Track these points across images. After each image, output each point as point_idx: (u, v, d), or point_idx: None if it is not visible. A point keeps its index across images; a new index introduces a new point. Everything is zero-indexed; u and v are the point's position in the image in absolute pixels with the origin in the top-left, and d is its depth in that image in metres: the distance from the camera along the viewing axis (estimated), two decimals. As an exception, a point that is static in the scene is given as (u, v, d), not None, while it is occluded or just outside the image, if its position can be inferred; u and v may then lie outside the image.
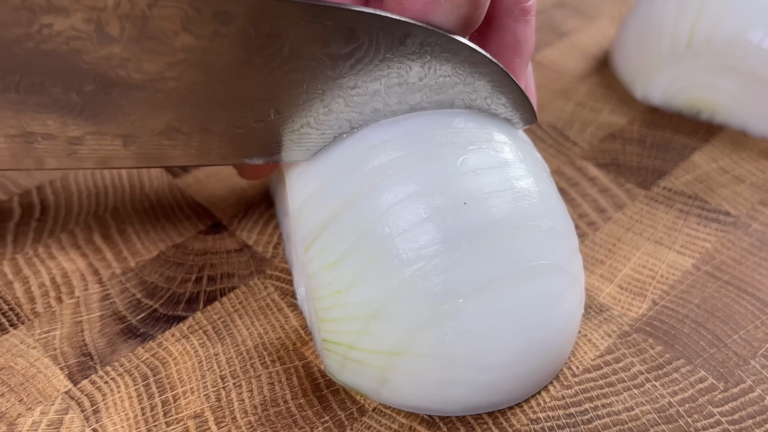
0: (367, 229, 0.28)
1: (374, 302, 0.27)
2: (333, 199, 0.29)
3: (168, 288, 0.34)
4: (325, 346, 0.29)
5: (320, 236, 0.29)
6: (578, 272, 0.30)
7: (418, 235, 0.27)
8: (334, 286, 0.28)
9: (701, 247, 0.37)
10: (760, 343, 0.32)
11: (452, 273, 0.27)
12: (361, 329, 0.28)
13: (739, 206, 0.39)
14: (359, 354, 0.28)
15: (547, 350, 0.29)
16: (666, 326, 0.33)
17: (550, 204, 0.29)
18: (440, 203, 0.27)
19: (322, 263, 0.28)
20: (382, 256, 0.27)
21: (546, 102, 0.47)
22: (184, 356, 0.31)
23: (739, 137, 0.44)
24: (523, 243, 0.28)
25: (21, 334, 0.32)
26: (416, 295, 0.27)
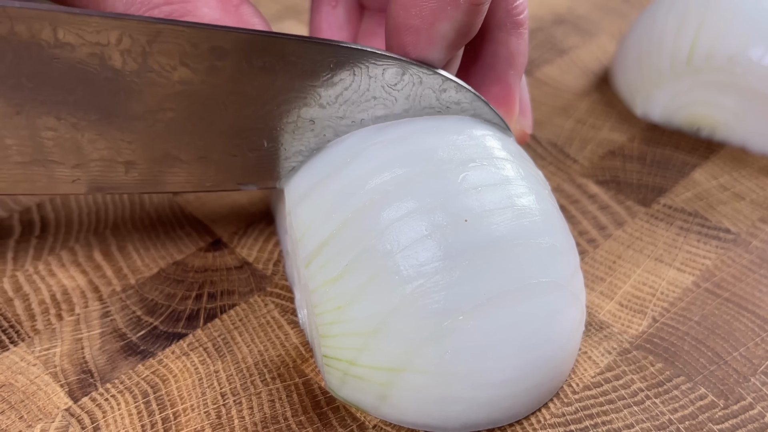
0: (368, 245, 0.28)
1: (375, 318, 0.28)
2: (334, 215, 0.29)
3: (168, 305, 0.34)
4: (325, 362, 0.29)
5: (321, 252, 0.29)
6: (579, 290, 0.30)
7: (418, 252, 0.27)
8: (334, 301, 0.28)
9: (701, 264, 0.37)
10: (761, 360, 0.32)
11: (452, 290, 0.27)
12: (361, 345, 0.28)
13: (740, 223, 0.39)
14: (359, 370, 0.28)
15: (547, 368, 0.29)
16: (666, 343, 0.33)
17: (551, 222, 0.30)
18: (441, 220, 0.28)
19: (323, 279, 0.29)
20: (382, 273, 0.28)
21: (546, 119, 0.47)
22: (185, 373, 0.31)
23: (740, 154, 0.44)
24: (524, 260, 0.28)
25: (21, 351, 0.32)
26: (416, 312, 0.27)
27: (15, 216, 0.39)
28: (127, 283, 0.35)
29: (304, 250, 0.30)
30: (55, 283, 0.35)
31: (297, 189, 0.31)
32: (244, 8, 0.34)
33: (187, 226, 0.39)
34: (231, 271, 0.36)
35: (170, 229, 0.38)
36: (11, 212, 0.39)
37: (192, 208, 0.40)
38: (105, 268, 0.36)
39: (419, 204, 0.28)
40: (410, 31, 0.30)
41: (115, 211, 0.39)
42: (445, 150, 0.30)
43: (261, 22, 0.34)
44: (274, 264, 0.37)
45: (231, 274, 0.36)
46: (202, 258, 0.37)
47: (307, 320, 0.32)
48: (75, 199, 0.40)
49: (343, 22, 0.38)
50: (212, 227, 0.38)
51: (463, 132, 0.31)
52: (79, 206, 0.39)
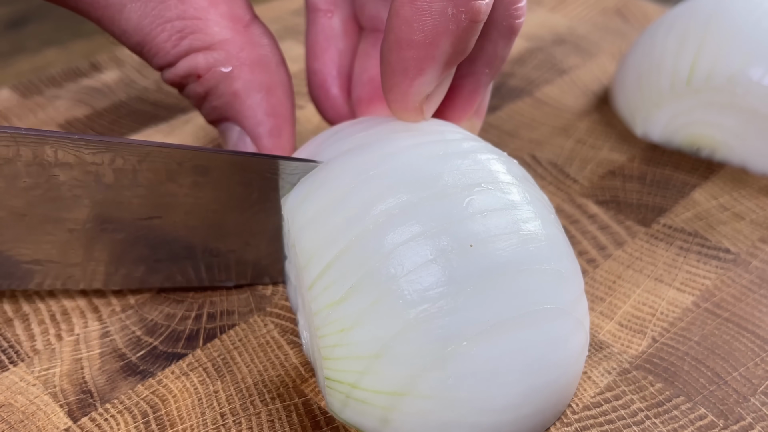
0: (372, 268, 0.28)
1: (378, 342, 0.28)
2: (339, 238, 0.29)
3: (168, 325, 0.35)
4: (327, 384, 0.30)
5: (325, 274, 0.29)
6: (583, 315, 0.30)
7: (423, 277, 0.28)
8: (338, 324, 0.28)
9: (701, 284, 0.37)
10: (760, 380, 0.33)
11: (457, 315, 0.27)
12: (364, 369, 0.28)
13: (740, 243, 0.40)
14: (362, 393, 0.28)
15: (550, 394, 0.29)
16: (666, 363, 0.33)
17: (557, 247, 0.30)
18: (446, 245, 0.28)
19: (326, 301, 0.29)
20: (386, 297, 0.28)
21: (546, 139, 0.48)
22: (184, 393, 0.32)
23: (740, 174, 0.45)
24: (529, 287, 0.28)
25: (21, 371, 0.33)
26: (420, 337, 0.27)
27: (15, 236, 0.39)
28: (127, 303, 0.36)
29: (308, 276, 0.30)
30: (54, 303, 0.36)
31: (301, 216, 0.31)
32: (253, 28, 0.35)
33: (187, 246, 0.39)
34: (230, 292, 0.37)
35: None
36: (11, 232, 0.39)
37: (192, 229, 0.40)
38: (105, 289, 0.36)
39: (424, 228, 0.28)
40: (411, 45, 0.30)
41: (115, 232, 0.39)
42: (450, 175, 0.30)
43: (270, 42, 0.35)
44: (273, 284, 0.37)
45: (230, 294, 0.36)
46: (202, 278, 0.37)
47: (310, 343, 0.32)
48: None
49: (339, 33, 0.38)
50: (212, 247, 0.39)
51: (468, 156, 0.31)
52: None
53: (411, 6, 0.29)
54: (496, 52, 0.35)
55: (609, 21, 0.62)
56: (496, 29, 0.34)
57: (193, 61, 0.34)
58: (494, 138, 0.48)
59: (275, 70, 0.35)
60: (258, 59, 0.35)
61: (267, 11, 0.61)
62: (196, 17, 0.33)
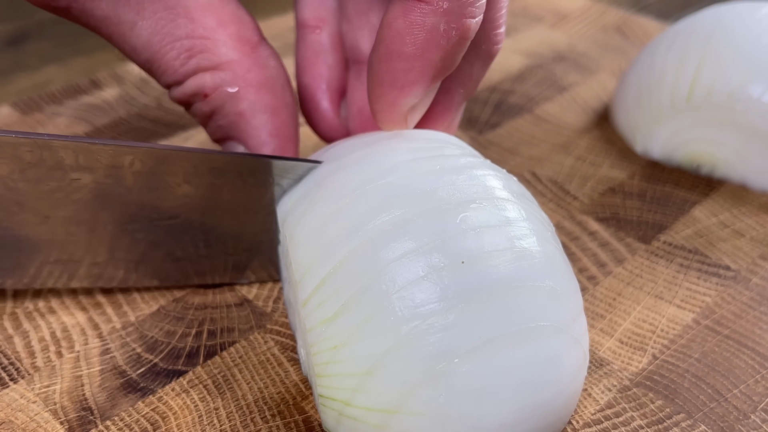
0: (364, 285, 0.28)
1: (370, 359, 0.28)
2: (333, 254, 0.29)
3: (168, 342, 0.35)
4: (321, 401, 0.30)
5: (318, 291, 0.29)
6: (581, 334, 0.30)
7: (415, 293, 0.28)
8: (330, 341, 0.29)
9: (701, 301, 0.38)
10: (761, 397, 0.33)
11: (448, 332, 0.27)
12: (356, 386, 0.28)
13: (740, 260, 0.40)
14: (354, 411, 0.29)
15: (545, 413, 0.29)
16: (666, 380, 0.34)
17: (553, 264, 0.30)
18: (438, 261, 0.28)
19: (319, 318, 0.29)
20: (378, 313, 0.28)
21: (546, 156, 0.48)
22: (185, 411, 0.32)
23: (740, 192, 0.45)
24: (522, 304, 0.28)
25: (21, 388, 0.33)
26: (411, 354, 0.27)
27: (15, 253, 0.39)
28: (127, 320, 0.36)
29: (303, 291, 0.30)
30: (55, 320, 0.36)
31: (298, 232, 0.32)
32: (261, 50, 0.36)
33: (187, 263, 0.39)
34: (231, 309, 0.37)
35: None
36: (11, 249, 0.40)
37: (192, 246, 0.40)
38: (105, 306, 0.37)
39: (417, 245, 0.28)
40: (402, 57, 0.31)
41: (115, 249, 0.40)
42: (445, 190, 0.30)
43: (276, 64, 0.36)
44: (273, 301, 0.37)
45: (231, 311, 0.37)
46: (202, 295, 0.37)
47: (306, 360, 0.32)
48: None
49: (327, 48, 0.39)
50: (212, 264, 0.39)
51: (463, 172, 0.31)
52: (79, 243, 0.40)
53: (404, 19, 0.30)
54: (472, 74, 0.36)
55: (609, 38, 0.63)
56: (476, 52, 0.35)
57: (201, 80, 0.35)
58: (494, 155, 0.48)
59: (280, 92, 0.36)
60: (264, 81, 0.35)
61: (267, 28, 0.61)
62: (204, 37, 0.34)
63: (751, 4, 0.47)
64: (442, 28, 0.30)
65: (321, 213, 0.31)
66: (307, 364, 0.32)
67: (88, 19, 0.34)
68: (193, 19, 0.34)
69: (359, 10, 0.37)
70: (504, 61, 0.59)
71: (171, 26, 0.33)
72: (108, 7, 0.33)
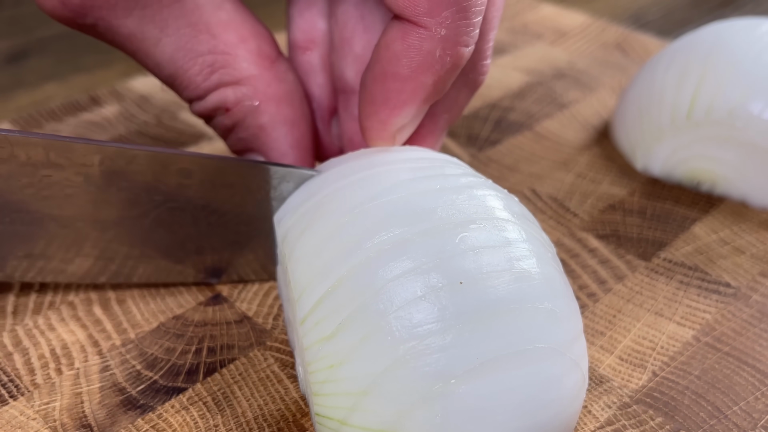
0: (362, 304, 0.28)
1: (366, 379, 0.28)
2: (331, 273, 0.29)
3: (168, 359, 0.35)
4: (317, 420, 0.30)
5: (316, 309, 0.29)
6: (580, 357, 0.30)
7: (412, 314, 0.28)
8: (327, 360, 0.29)
9: (701, 318, 0.38)
10: (761, 414, 0.33)
11: (445, 353, 0.27)
12: (352, 405, 0.28)
13: (740, 277, 0.40)
14: (350, 430, 0.28)
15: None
16: (666, 397, 0.34)
17: (552, 286, 0.30)
18: (436, 282, 0.28)
19: (316, 336, 0.29)
20: (375, 333, 0.28)
21: (546, 173, 0.49)
22: (184, 428, 0.32)
23: (740, 209, 0.45)
24: (520, 325, 0.28)
25: (21, 405, 0.33)
26: (408, 374, 0.27)
27: (15, 270, 0.40)
28: (127, 337, 0.36)
29: (301, 309, 0.30)
30: (54, 337, 0.36)
31: (297, 250, 0.32)
32: (279, 64, 0.37)
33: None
34: (231, 326, 0.37)
35: (170, 284, 0.39)
36: (11, 266, 0.40)
37: (192, 263, 0.40)
38: (105, 323, 0.37)
39: (415, 264, 0.28)
40: (397, 79, 0.32)
41: (115, 266, 0.40)
42: (445, 210, 0.30)
43: (294, 78, 0.38)
44: (273, 318, 0.37)
45: (231, 328, 0.37)
46: (202, 312, 0.38)
47: (303, 378, 0.32)
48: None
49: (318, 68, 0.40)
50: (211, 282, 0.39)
51: (463, 192, 0.31)
52: (79, 260, 0.40)
53: (402, 42, 0.32)
54: (458, 100, 0.38)
55: (609, 55, 0.63)
56: (463, 80, 0.36)
57: (223, 94, 0.36)
58: (494, 172, 0.48)
59: (299, 104, 0.37)
60: (283, 95, 0.37)
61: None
62: (226, 52, 0.35)
63: (750, 22, 0.47)
64: (438, 53, 0.32)
65: (320, 231, 0.31)
66: (305, 382, 0.32)
67: (114, 35, 0.35)
68: (214, 36, 0.35)
69: (344, 38, 0.38)
70: (504, 78, 0.59)
71: (193, 42, 0.34)
72: (133, 25, 0.34)
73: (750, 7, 0.69)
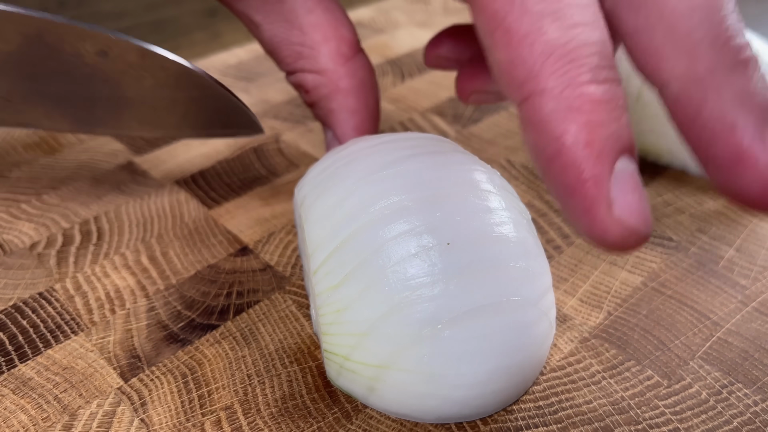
0: (364, 259, 0.28)
1: (366, 322, 0.27)
2: (340, 232, 0.29)
3: (203, 301, 0.35)
4: (325, 356, 0.29)
5: (326, 262, 0.29)
6: (548, 308, 0.30)
7: (406, 268, 0.27)
8: (334, 305, 0.28)
9: (648, 267, 0.37)
10: (698, 347, 0.33)
11: (433, 302, 0.27)
12: (354, 344, 0.28)
13: (680, 233, 0.40)
14: (352, 365, 0.28)
15: (514, 374, 0.28)
16: (619, 333, 0.33)
17: (526, 248, 0.29)
18: (427, 242, 0.27)
19: (326, 285, 0.29)
20: (375, 284, 0.27)
21: (519, 146, 0.48)
22: (217, 358, 0.32)
23: (680, 175, 0.45)
24: (498, 281, 0.28)
25: (81, 339, 0.32)
26: (402, 319, 0.27)
27: (76, 226, 0.39)
28: (169, 282, 0.36)
29: (314, 262, 0.30)
30: (109, 283, 0.35)
31: (312, 214, 0.31)
32: (353, 62, 0.37)
33: (220, 235, 0.39)
34: (256, 273, 0.36)
35: (205, 238, 0.39)
36: (73, 223, 0.39)
37: (224, 221, 0.40)
38: (150, 271, 0.36)
39: (410, 227, 0.28)
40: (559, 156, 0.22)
41: (159, 223, 0.39)
42: (438, 181, 0.29)
43: (365, 74, 0.37)
44: (291, 267, 0.37)
45: (256, 275, 0.36)
46: (232, 262, 0.37)
47: (315, 319, 0.32)
48: (126, 213, 0.40)
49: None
50: (240, 237, 0.39)
51: (454, 167, 0.31)
52: (129, 218, 0.40)
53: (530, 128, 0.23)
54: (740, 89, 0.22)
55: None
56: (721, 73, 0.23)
57: (303, 78, 0.37)
58: (476, 145, 0.47)
59: (364, 97, 0.37)
60: (351, 88, 0.37)
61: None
62: (311, 47, 0.36)
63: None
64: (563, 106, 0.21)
65: (331, 198, 0.30)
66: (316, 323, 0.31)
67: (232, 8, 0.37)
68: (304, 33, 0.36)
69: None
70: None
71: (287, 34, 0.36)
72: (242, 8, 0.36)
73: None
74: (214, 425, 0.29)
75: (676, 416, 0.30)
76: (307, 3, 0.36)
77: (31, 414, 0.29)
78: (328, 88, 0.37)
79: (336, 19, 0.37)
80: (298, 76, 0.37)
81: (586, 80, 0.21)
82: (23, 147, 0.46)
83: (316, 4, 0.36)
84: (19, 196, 0.41)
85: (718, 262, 0.38)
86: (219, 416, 0.29)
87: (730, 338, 0.33)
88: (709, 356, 0.32)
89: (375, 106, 0.38)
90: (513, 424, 0.29)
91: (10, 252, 0.37)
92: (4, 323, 0.33)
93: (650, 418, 0.30)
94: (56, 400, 0.30)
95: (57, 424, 0.29)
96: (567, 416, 0.30)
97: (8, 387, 0.30)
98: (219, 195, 0.42)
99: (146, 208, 0.40)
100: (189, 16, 0.65)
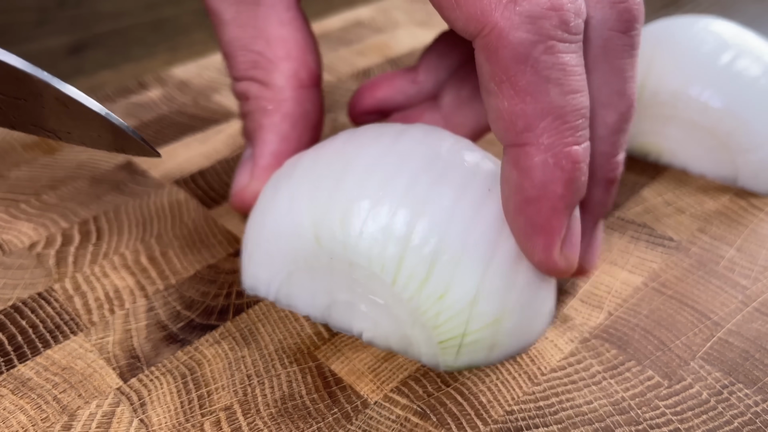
0: (439, 239, 0.29)
1: (471, 291, 0.29)
2: (399, 240, 0.29)
3: (203, 301, 0.35)
4: (441, 347, 0.30)
5: (402, 266, 0.29)
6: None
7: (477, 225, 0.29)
8: (434, 295, 0.29)
9: (649, 267, 0.37)
10: (698, 347, 0.33)
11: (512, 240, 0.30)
12: (467, 317, 0.29)
13: (681, 233, 0.40)
14: (472, 336, 0.30)
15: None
16: (619, 333, 0.33)
17: None
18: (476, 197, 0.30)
19: (415, 285, 0.29)
20: (461, 255, 0.29)
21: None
22: (216, 358, 0.32)
23: (681, 175, 0.45)
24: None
25: (80, 340, 0.32)
26: (497, 270, 0.29)
27: (75, 226, 0.39)
28: (169, 282, 0.36)
29: (387, 275, 0.29)
30: (108, 283, 0.35)
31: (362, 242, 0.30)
32: (305, 91, 0.36)
33: (219, 235, 0.39)
34: (255, 273, 0.36)
35: (205, 238, 0.38)
36: (72, 223, 0.39)
37: (223, 220, 0.40)
38: (150, 271, 0.36)
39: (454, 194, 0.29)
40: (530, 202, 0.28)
41: (159, 223, 0.39)
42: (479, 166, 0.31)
43: (312, 108, 0.36)
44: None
45: (255, 275, 0.36)
46: (232, 262, 0.37)
47: (395, 329, 0.31)
48: (125, 213, 0.40)
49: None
50: (240, 236, 0.39)
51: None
52: (128, 218, 0.39)
53: (517, 169, 0.27)
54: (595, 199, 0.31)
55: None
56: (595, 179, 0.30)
57: (249, 86, 0.36)
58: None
59: (300, 129, 0.36)
60: (292, 114, 0.36)
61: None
62: (270, 60, 0.35)
63: (689, 19, 0.46)
64: (551, 161, 0.26)
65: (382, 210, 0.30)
66: (399, 332, 0.31)
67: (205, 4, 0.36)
68: (269, 44, 0.35)
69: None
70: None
71: (251, 41, 0.35)
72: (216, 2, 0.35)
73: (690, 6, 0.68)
74: (214, 426, 0.29)
75: (676, 416, 0.30)
76: (282, 15, 0.35)
77: (31, 414, 0.29)
78: (269, 104, 0.35)
79: (306, 43, 0.36)
80: (244, 84, 0.36)
81: (572, 141, 0.26)
82: (23, 147, 0.46)
83: (291, 20, 0.35)
84: (18, 196, 0.41)
85: (719, 262, 0.38)
86: (218, 417, 0.29)
87: (731, 338, 0.33)
88: (710, 356, 0.32)
89: (306, 145, 0.36)
90: (513, 424, 0.29)
91: (9, 252, 0.37)
92: (3, 323, 0.33)
93: (651, 418, 0.29)
94: (55, 401, 0.30)
95: (56, 424, 0.29)
96: (567, 416, 0.30)
97: (7, 387, 0.30)
98: (219, 195, 0.42)
99: (145, 208, 0.40)
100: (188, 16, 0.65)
